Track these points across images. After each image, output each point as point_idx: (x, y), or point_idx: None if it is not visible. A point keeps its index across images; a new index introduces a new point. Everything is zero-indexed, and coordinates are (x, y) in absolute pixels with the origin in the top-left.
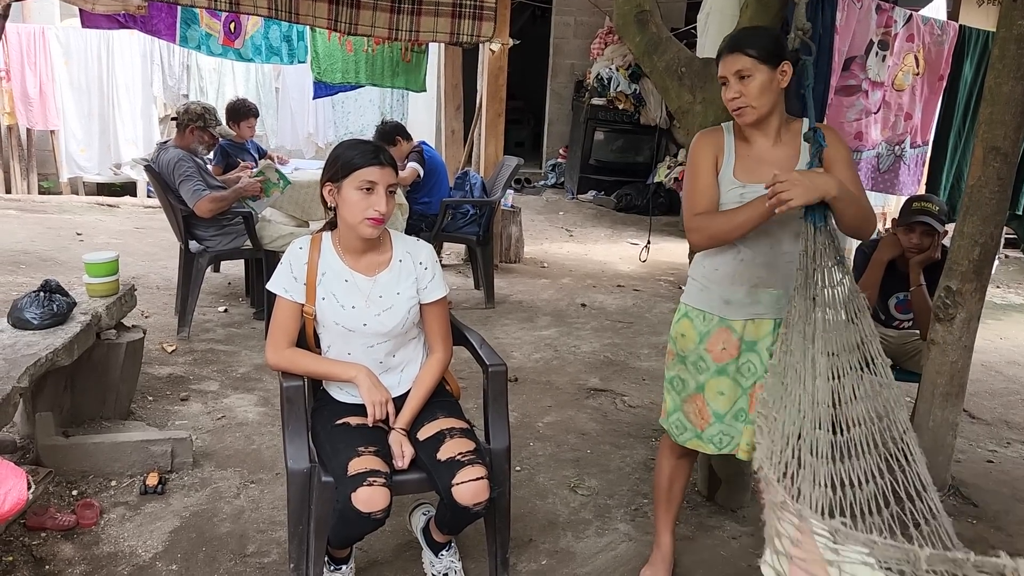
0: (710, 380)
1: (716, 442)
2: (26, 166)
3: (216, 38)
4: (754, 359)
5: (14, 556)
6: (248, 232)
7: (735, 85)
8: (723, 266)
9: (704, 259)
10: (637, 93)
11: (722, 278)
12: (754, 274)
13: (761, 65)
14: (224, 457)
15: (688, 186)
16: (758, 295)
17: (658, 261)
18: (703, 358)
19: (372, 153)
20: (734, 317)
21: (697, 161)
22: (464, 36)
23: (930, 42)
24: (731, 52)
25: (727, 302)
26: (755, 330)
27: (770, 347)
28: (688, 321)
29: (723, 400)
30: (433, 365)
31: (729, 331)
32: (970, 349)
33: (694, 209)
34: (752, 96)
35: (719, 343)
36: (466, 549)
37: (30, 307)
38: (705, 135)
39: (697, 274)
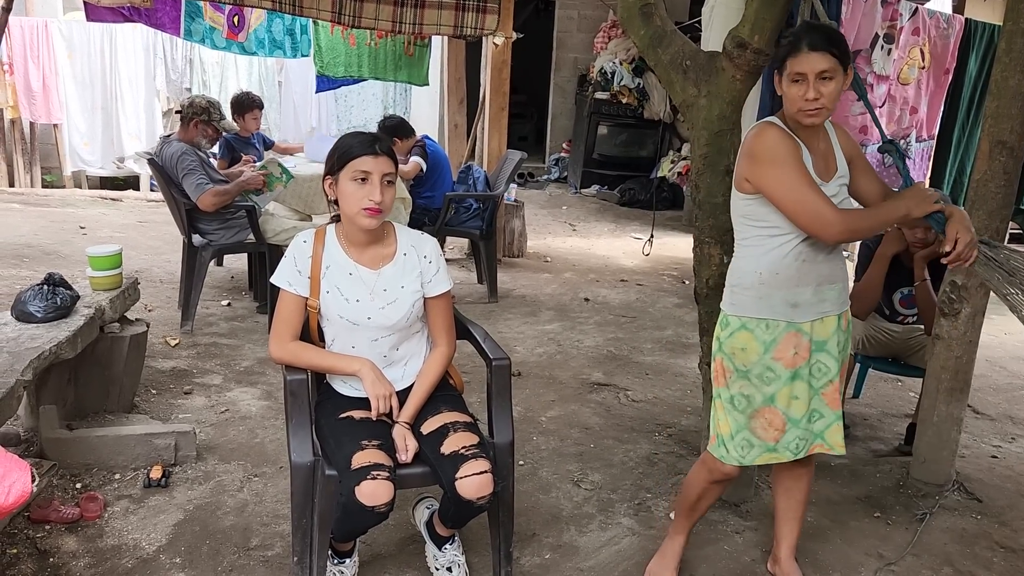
0: (783, 388)
1: (793, 448)
2: (29, 160)
3: (220, 32)
4: (824, 358)
5: (18, 549)
6: (251, 226)
7: (816, 85)
8: (784, 270)
9: (756, 267)
10: (641, 87)
11: (785, 282)
12: (820, 273)
13: (839, 67)
14: (228, 450)
15: (798, 181)
16: (824, 292)
17: (661, 255)
18: (771, 368)
19: (368, 142)
20: (803, 319)
21: (796, 155)
22: (468, 29)
23: (936, 36)
24: (816, 50)
25: (794, 305)
26: (823, 329)
27: (838, 344)
28: (747, 333)
29: (799, 404)
30: (437, 359)
31: (799, 334)
32: (975, 344)
33: (826, 202)
34: (831, 98)
35: (790, 348)
36: (469, 543)
37: (34, 300)
38: (778, 131)
39: (749, 282)
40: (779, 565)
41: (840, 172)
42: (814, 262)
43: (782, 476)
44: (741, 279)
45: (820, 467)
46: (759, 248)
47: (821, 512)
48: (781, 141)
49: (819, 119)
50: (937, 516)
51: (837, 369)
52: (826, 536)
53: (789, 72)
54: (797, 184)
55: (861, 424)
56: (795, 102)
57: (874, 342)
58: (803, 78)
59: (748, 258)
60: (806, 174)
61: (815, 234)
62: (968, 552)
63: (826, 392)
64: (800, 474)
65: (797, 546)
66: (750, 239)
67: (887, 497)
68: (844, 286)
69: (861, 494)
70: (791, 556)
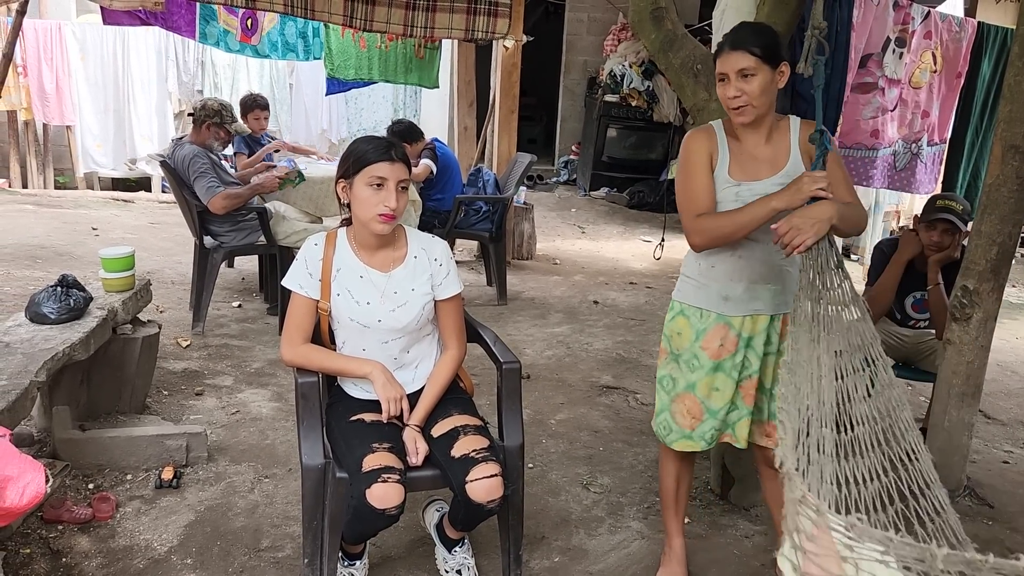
0: (704, 378)
1: (708, 438)
2: (42, 161)
3: (234, 35)
4: (750, 355)
5: (32, 548)
6: (262, 228)
7: (736, 83)
8: (720, 263)
9: (699, 257)
10: (650, 90)
11: (720, 275)
12: (753, 271)
13: (764, 65)
14: (239, 452)
15: (684, 186)
16: (757, 291)
17: (672, 259)
18: (697, 356)
19: (383, 149)
20: (733, 313)
21: (693, 160)
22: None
23: (948, 39)
24: (734, 49)
25: (726, 299)
26: (752, 326)
27: (765, 342)
28: (684, 319)
29: (718, 396)
30: (447, 362)
31: (728, 327)
32: (987, 349)
33: (694, 210)
34: (753, 95)
35: (716, 340)
36: (479, 546)
37: (47, 302)
38: (697, 134)
39: (692, 272)
40: None
41: (787, 169)
42: (750, 260)
43: (768, 482)
44: (686, 267)
45: None
46: None
47: None
48: (690, 146)
49: (746, 117)
50: None
51: (759, 366)
52: None
53: (717, 73)
54: (683, 189)
55: None
56: (723, 101)
57: (885, 346)
58: (725, 77)
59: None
60: (696, 181)
61: (688, 243)
62: None
63: (743, 385)
64: (773, 474)
65: None
66: None
67: None
68: (783, 289)
69: None
70: None
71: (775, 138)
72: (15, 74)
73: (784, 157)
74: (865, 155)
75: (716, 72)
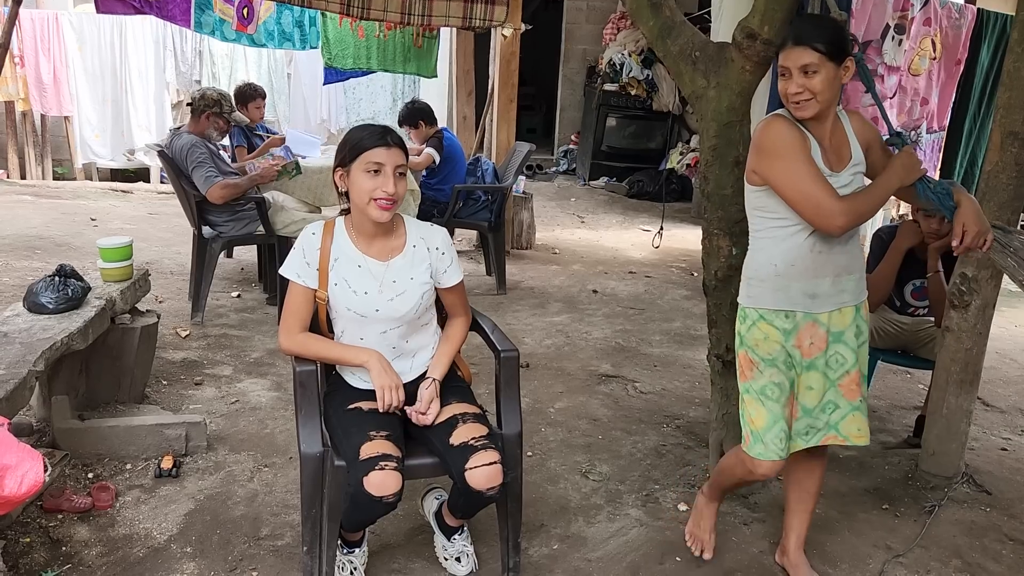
0: (801, 376)
1: (805, 437)
2: (40, 152)
3: (230, 23)
4: (841, 349)
5: (31, 537)
6: (261, 218)
7: (798, 79)
8: (800, 261)
9: (772, 259)
10: (649, 79)
11: (802, 273)
12: (837, 263)
13: (827, 61)
14: (238, 441)
15: (803, 173)
16: (843, 283)
17: (670, 248)
18: (791, 355)
19: (379, 135)
20: (821, 310)
21: (800, 147)
22: (477, 21)
23: (947, 26)
24: (796, 45)
25: (812, 296)
26: (840, 319)
27: (855, 334)
28: (766, 323)
29: (812, 394)
30: (460, 325)
31: (816, 324)
32: (985, 336)
33: (831, 192)
34: (816, 91)
35: (807, 338)
36: (478, 533)
37: (45, 292)
38: (786, 123)
39: (765, 274)
40: (787, 556)
41: (855, 160)
42: (830, 253)
43: (794, 468)
44: (757, 271)
45: (828, 459)
46: (773, 240)
47: (829, 504)
48: (787, 133)
49: (806, 112)
50: (946, 508)
51: (854, 360)
52: (834, 528)
53: (779, 66)
54: (801, 176)
55: (870, 416)
56: (784, 96)
57: (884, 334)
58: (787, 72)
59: (763, 250)
60: (811, 166)
61: (819, 226)
62: (977, 544)
63: (842, 383)
64: (812, 467)
65: (806, 538)
66: (763, 231)
67: (896, 489)
68: (862, 275)
69: (870, 486)
70: (800, 548)
71: (836, 129)
72: (12, 64)
73: (848, 147)
74: None
75: (780, 65)
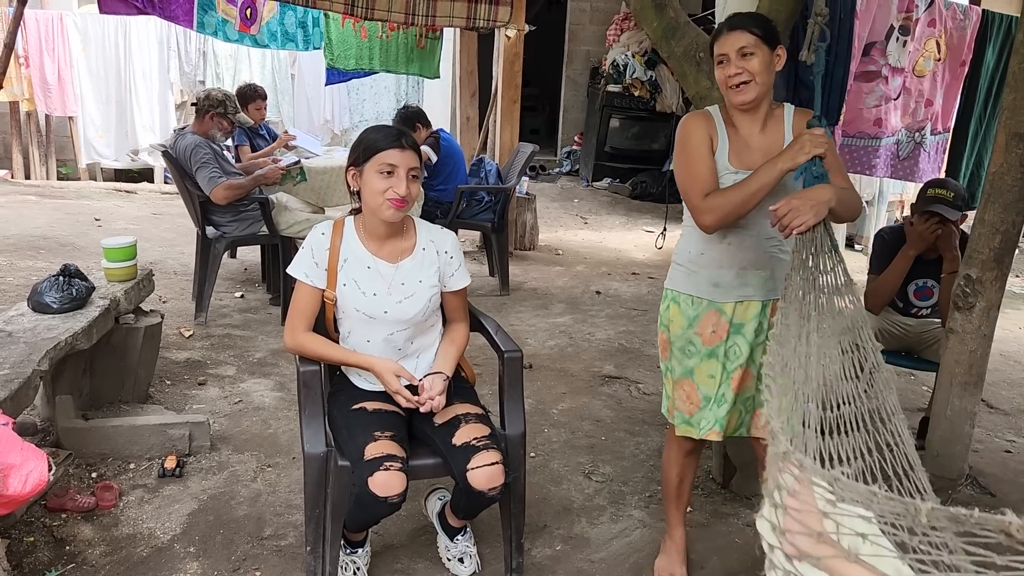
0: (700, 364)
1: (705, 427)
2: (45, 152)
3: (232, 24)
4: (740, 342)
5: (35, 537)
6: (264, 218)
7: (737, 62)
8: (709, 251)
9: (689, 245)
10: (653, 80)
11: (709, 262)
12: (743, 257)
13: (763, 45)
14: (241, 441)
15: (687, 168)
16: (747, 277)
17: (673, 249)
18: (692, 342)
19: (394, 136)
20: (724, 300)
21: (695, 142)
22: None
23: (952, 27)
24: (733, 29)
25: (716, 285)
26: (743, 312)
27: (756, 329)
28: (676, 306)
29: (712, 383)
30: (462, 329)
31: (719, 314)
32: (989, 338)
33: (702, 190)
34: (755, 72)
35: (708, 326)
36: (481, 534)
37: (50, 291)
38: (696, 117)
39: (682, 260)
40: None
41: None
42: (739, 247)
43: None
44: (677, 256)
45: None
46: (692, 227)
47: None
48: (690, 128)
49: (746, 95)
50: None
51: (748, 353)
52: None
53: (715, 56)
54: (685, 172)
55: None
56: (722, 83)
57: (887, 335)
58: (725, 58)
59: (684, 237)
60: (699, 164)
61: (698, 225)
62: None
63: (733, 376)
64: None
65: None
66: (687, 218)
67: None
68: (772, 275)
69: None
70: None
71: (770, 126)
72: (17, 65)
73: (779, 144)
74: (868, 144)
75: (715, 55)
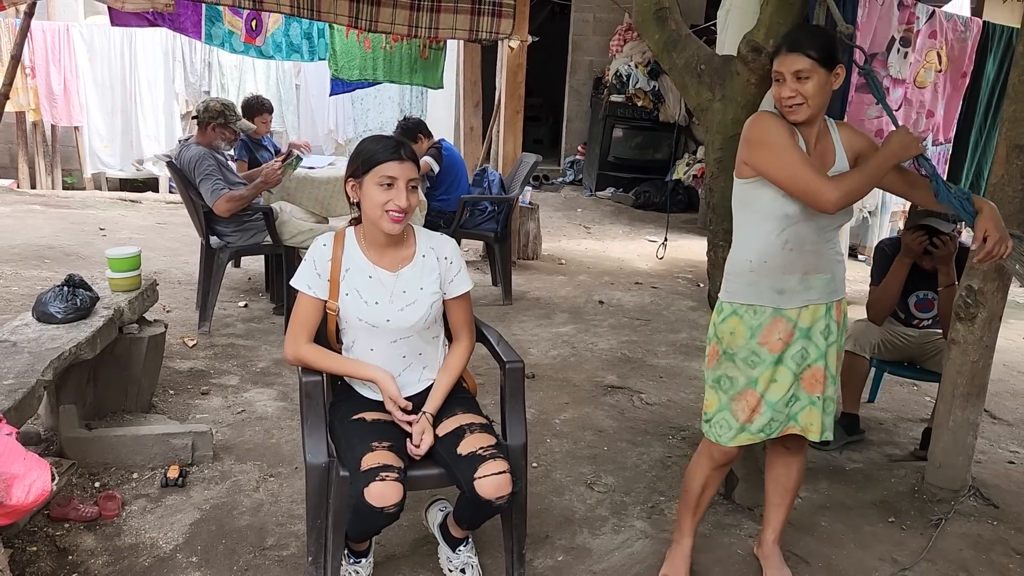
0: (765, 372)
1: (766, 430)
2: (50, 162)
3: (238, 35)
4: (808, 346)
5: (38, 546)
6: (268, 228)
7: (791, 84)
8: (772, 258)
9: (748, 254)
10: (656, 90)
11: (772, 269)
12: (805, 261)
13: (819, 67)
14: (244, 451)
15: (789, 154)
16: (810, 281)
17: (676, 258)
18: (756, 352)
19: (392, 148)
20: (789, 306)
21: (786, 135)
22: (483, 33)
23: (953, 39)
24: (791, 51)
25: (780, 292)
26: (809, 316)
27: (823, 331)
28: (736, 318)
29: (777, 387)
30: (461, 352)
31: (784, 320)
32: (991, 349)
33: (817, 173)
34: (808, 96)
35: (774, 334)
36: (482, 545)
37: (54, 301)
38: (774, 116)
39: (741, 270)
40: (762, 549)
41: (838, 166)
42: (801, 251)
43: (774, 463)
44: (734, 267)
45: (835, 471)
46: (750, 236)
47: (835, 516)
48: (776, 123)
49: (799, 116)
50: (952, 521)
51: (819, 355)
52: (840, 541)
53: (774, 71)
54: (791, 160)
55: (876, 428)
56: (777, 99)
57: (890, 346)
58: (781, 77)
59: (740, 247)
60: (799, 151)
61: (813, 205)
62: (984, 558)
63: (804, 376)
64: (790, 463)
65: (783, 533)
66: (742, 227)
67: (902, 502)
68: (834, 277)
69: (876, 499)
70: (775, 542)
71: (821, 137)
72: (23, 75)
73: (832, 154)
74: None
75: (773, 71)
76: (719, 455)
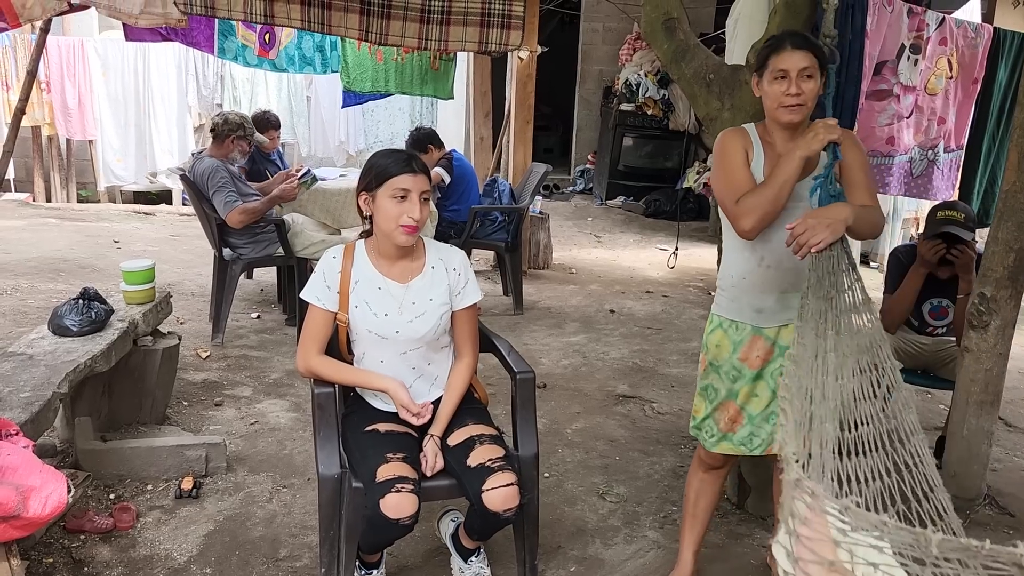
0: (745, 386)
1: (747, 443)
2: (65, 175)
3: (252, 49)
4: (788, 363)
5: (54, 558)
6: (280, 240)
7: (797, 82)
8: (750, 275)
9: (731, 269)
10: (666, 98)
11: (750, 287)
12: (783, 280)
13: (819, 69)
14: (257, 462)
15: (725, 179)
16: (788, 300)
17: (687, 267)
18: (736, 367)
19: (405, 161)
20: (766, 325)
21: (732, 154)
22: (493, 45)
23: (963, 45)
24: (797, 48)
25: (758, 311)
26: (788, 335)
27: None
28: (722, 332)
29: (757, 402)
30: (462, 370)
31: (762, 339)
32: (1005, 356)
33: (738, 195)
34: (809, 96)
35: (753, 351)
36: (495, 555)
37: (70, 314)
38: (732, 133)
39: (726, 285)
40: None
41: (816, 173)
42: (779, 269)
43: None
44: (721, 281)
45: None
46: (733, 252)
47: None
48: (726, 144)
49: (796, 117)
50: (967, 531)
51: None
52: None
53: (772, 70)
54: (723, 185)
55: None
56: (776, 98)
57: (903, 354)
58: (786, 74)
59: (726, 262)
60: (735, 175)
61: (737, 232)
62: None
63: None
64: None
65: None
66: (726, 243)
67: None
68: None
69: None
70: None
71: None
72: (39, 90)
73: (813, 160)
74: (881, 162)
75: (773, 70)
76: (707, 457)
